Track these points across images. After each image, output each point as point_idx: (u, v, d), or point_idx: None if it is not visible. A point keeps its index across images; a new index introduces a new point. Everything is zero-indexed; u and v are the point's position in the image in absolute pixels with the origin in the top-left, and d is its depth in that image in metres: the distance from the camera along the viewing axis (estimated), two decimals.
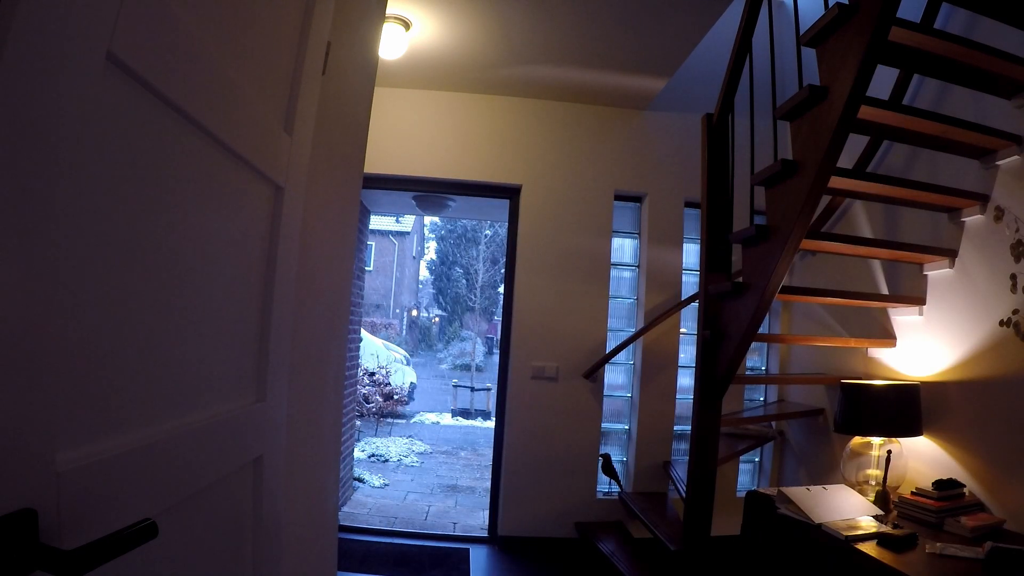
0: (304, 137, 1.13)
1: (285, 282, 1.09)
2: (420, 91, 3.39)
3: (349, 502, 4.17)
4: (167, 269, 0.73)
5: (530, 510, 3.31)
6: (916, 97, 2.42)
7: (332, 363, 1.59)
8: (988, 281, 2.02)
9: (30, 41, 0.47)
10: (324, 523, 1.56)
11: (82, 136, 0.54)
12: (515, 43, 2.84)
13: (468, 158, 3.42)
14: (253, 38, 0.91)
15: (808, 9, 2.06)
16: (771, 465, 3.35)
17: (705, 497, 2.12)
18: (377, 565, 2.96)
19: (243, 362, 0.97)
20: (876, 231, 2.64)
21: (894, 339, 2.45)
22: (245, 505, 0.99)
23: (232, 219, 0.90)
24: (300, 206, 1.14)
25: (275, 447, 1.08)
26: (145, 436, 0.69)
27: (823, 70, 1.63)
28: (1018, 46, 1.78)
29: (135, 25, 0.59)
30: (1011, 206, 1.95)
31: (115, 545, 0.55)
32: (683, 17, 2.53)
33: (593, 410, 3.39)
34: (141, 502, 0.66)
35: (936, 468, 2.14)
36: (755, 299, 1.88)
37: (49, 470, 0.52)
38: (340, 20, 1.34)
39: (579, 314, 3.39)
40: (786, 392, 3.34)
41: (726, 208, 2.23)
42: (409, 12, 2.60)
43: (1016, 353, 1.89)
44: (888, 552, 1.64)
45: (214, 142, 0.80)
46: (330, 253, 1.50)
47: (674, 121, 3.49)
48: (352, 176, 1.65)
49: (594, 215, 3.44)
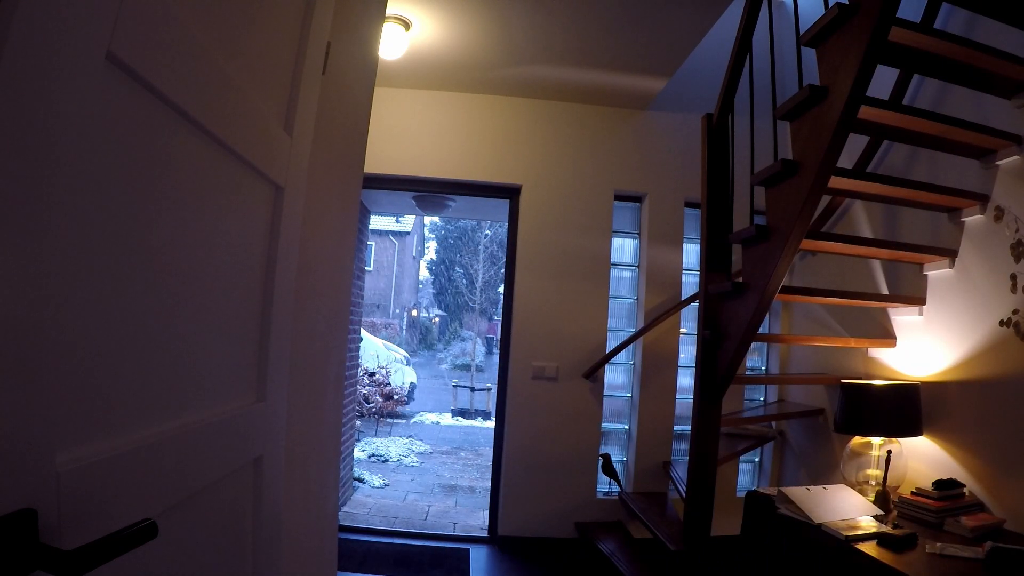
0: (304, 137, 1.13)
1: (285, 282, 1.09)
2: (420, 91, 3.39)
3: (349, 502, 4.17)
4: (167, 269, 0.73)
5: (530, 510, 3.31)
6: (916, 97, 2.42)
7: (332, 363, 1.59)
8: (988, 281, 2.02)
9: (30, 41, 0.47)
10: (324, 523, 1.56)
11: (82, 136, 0.54)
12: (515, 43, 2.84)
13: (468, 158, 3.42)
14: (253, 38, 0.91)
15: (808, 9, 2.07)
16: (771, 465, 3.35)
17: (705, 497, 2.12)
18: (377, 565, 2.96)
19: (243, 362, 0.97)
20: (876, 231, 2.64)
21: (894, 339, 2.45)
22: (245, 505, 0.99)
23: (232, 219, 0.90)
24: (300, 206, 1.14)
25: (275, 447, 1.08)
26: (145, 436, 0.69)
27: (823, 70, 1.63)
28: (1018, 46, 1.78)
29: (135, 25, 0.59)
30: (1011, 206, 1.95)
31: (115, 545, 0.55)
32: (683, 17, 2.53)
33: (593, 410, 3.39)
34: (141, 502, 0.66)
35: (936, 468, 2.14)
36: (755, 299, 1.88)
37: (49, 470, 0.52)
38: (340, 20, 1.34)
39: (579, 314, 3.39)
40: (786, 392, 3.34)
41: (726, 208, 2.23)
42: (409, 12, 2.60)
43: (1016, 353, 1.89)
44: (888, 552, 1.64)
45: (214, 142, 0.80)
46: (330, 253, 1.50)
47: (674, 121, 3.49)
48: (352, 176, 1.65)
49: (594, 215, 3.44)
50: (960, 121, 1.86)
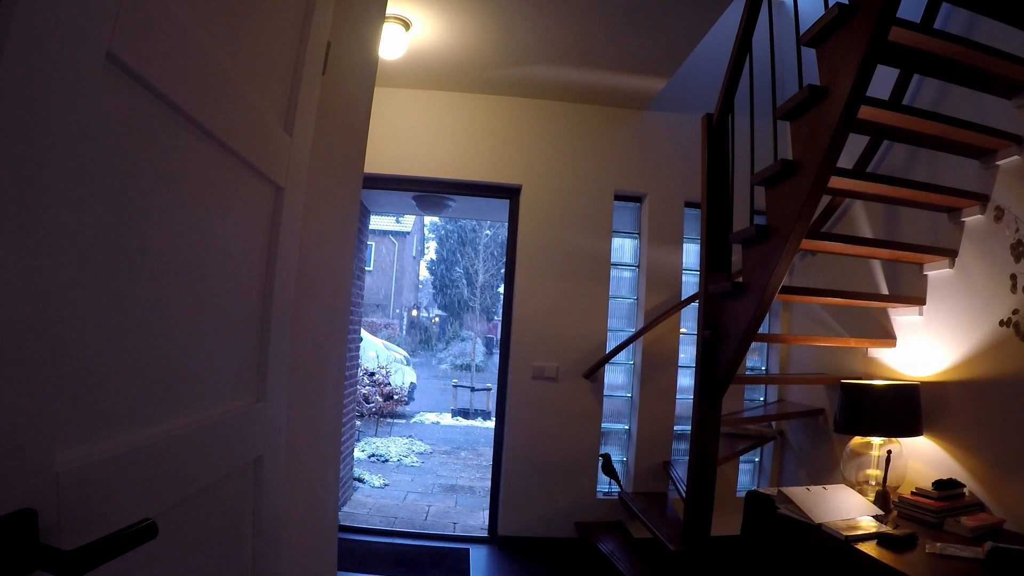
0: (304, 137, 1.13)
1: (285, 282, 1.09)
2: (420, 91, 3.39)
3: (349, 502, 4.17)
4: (168, 269, 0.73)
5: (530, 510, 3.31)
6: (916, 97, 2.41)
7: (332, 363, 1.59)
8: (988, 281, 2.02)
9: (30, 41, 0.47)
10: (324, 523, 1.56)
11: (82, 136, 0.54)
12: (515, 43, 2.84)
13: (468, 158, 3.42)
14: (253, 38, 0.91)
15: (808, 9, 2.07)
16: (771, 465, 3.35)
17: (705, 497, 2.12)
18: (377, 565, 2.96)
19: (243, 362, 0.97)
20: (876, 231, 2.64)
21: (894, 339, 2.45)
22: (245, 505, 0.99)
23: (232, 219, 0.90)
24: (300, 206, 1.14)
25: (275, 447, 1.08)
26: (145, 436, 0.69)
27: (823, 70, 1.63)
28: (1018, 46, 1.78)
29: (135, 25, 0.59)
30: (1011, 206, 1.95)
31: (115, 545, 0.55)
32: (683, 17, 2.53)
33: (593, 410, 3.39)
34: (141, 502, 0.66)
35: (936, 468, 2.14)
36: (755, 299, 1.88)
37: (49, 470, 0.52)
38: (340, 20, 1.34)
39: (579, 314, 3.39)
40: (786, 392, 3.34)
41: (726, 208, 2.23)
42: (409, 12, 2.60)
43: (1016, 353, 1.89)
44: (888, 552, 1.64)
45: (214, 142, 0.80)
46: (330, 253, 1.50)
47: (674, 121, 3.49)
48: (352, 176, 1.65)
49: (594, 215, 3.44)
50: (960, 121, 1.86)
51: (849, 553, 1.68)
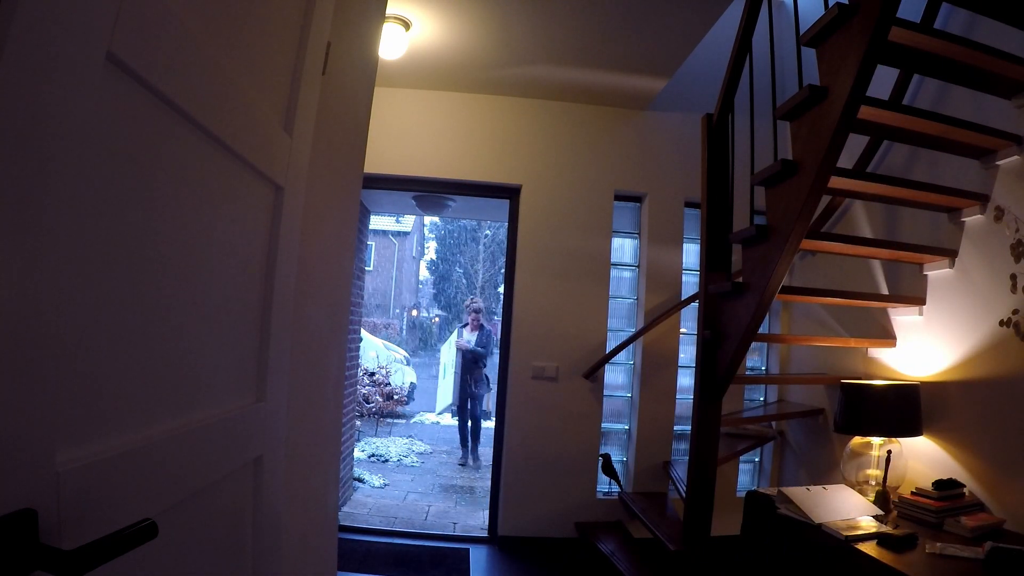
0: (304, 137, 1.13)
1: (285, 282, 1.09)
2: (420, 91, 3.39)
3: (349, 502, 4.16)
4: (167, 269, 0.73)
5: (530, 510, 3.31)
6: (916, 97, 2.41)
7: (332, 363, 1.59)
8: (988, 281, 2.02)
9: (30, 41, 0.47)
10: (324, 523, 1.56)
11: (82, 136, 0.54)
12: (515, 43, 2.84)
13: (468, 158, 3.42)
14: (253, 38, 0.91)
15: (808, 9, 2.06)
16: (771, 465, 3.35)
17: (705, 497, 2.12)
18: (377, 565, 2.96)
19: (243, 362, 0.97)
20: (876, 231, 2.64)
21: (894, 339, 2.45)
22: (245, 505, 0.99)
23: (232, 219, 0.90)
24: (300, 206, 1.14)
25: (275, 447, 1.08)
26: (145, 436, 0.69)
27: (823, 70, 1.63)
28: (1018, 46, 1.78)
29: (135, 25, 0.59)
30: (1011, 206, 1.95)
31: (115, 545, 0.55)
32: (683, 17, 2.53)
33: (593, 410, 3.39)
34: (141, 502, 0.66)
35: (936, 468, 2.14)
36: (755, 299, 1.88)
37: (49, 470, 0.52)
38: (340, 20, 1.34)
39: (579, 314, 3.39)
40: (786, 392, 3.34)
41: (726, 208, 2.23)
42: (409, 12, 2.60)
43: (1016, 353, 1.89)
44: (888, 552, 1.64)
45: (214, 142, 0.80)
46: (330, 253, 1.50)
47: (674, 121, 3.49)
48: (352, 176, 1.65)
49: (594, 215, 3.44)
50: (960, 121, 1.86)
51: (849, 553, 1.68)
